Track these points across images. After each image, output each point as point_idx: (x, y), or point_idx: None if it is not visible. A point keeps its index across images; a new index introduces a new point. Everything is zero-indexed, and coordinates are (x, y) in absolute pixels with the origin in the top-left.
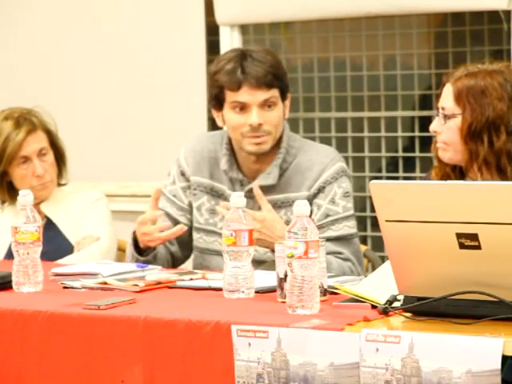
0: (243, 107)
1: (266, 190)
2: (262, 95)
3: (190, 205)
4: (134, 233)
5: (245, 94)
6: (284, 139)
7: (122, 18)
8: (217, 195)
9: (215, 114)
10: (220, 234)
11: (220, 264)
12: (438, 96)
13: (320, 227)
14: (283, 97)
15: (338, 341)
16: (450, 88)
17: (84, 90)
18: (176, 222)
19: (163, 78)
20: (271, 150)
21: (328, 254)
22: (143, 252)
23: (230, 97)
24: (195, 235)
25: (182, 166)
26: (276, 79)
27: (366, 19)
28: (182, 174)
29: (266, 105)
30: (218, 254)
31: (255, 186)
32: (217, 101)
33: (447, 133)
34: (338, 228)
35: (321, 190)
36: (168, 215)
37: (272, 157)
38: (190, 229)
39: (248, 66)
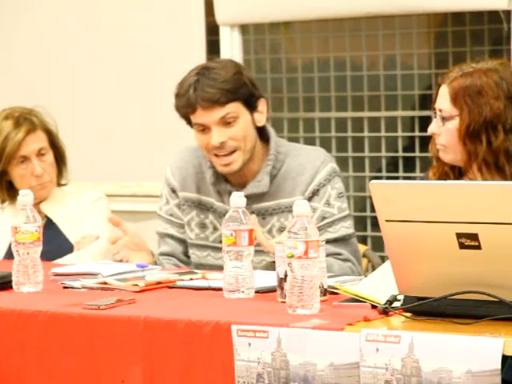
0: (204, 128)
1: (257, 197)
2: (217, 114)
3: None
4: None
5: (201, 116)
6: (272, 146)
7: (122, 18)
8: (205, 208)
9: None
10: (212, 248)
11: None
12: (434, 97)
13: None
14: (250, 106)
15: (338, 341)
16: (445, 89)
17: (84, 90)
18: (181, 241)
19: (163, 78)
20: (255, 157)
21: (328, 255)
22: None
23: (192, 118)
24: (189, 251)
25: (172, 183)
26: (230, 93)
27: (366, 19)
28: (173, 191)
29: (224, 122)
30: (212, 268)
31: (253, 219)
32: (186, 120)
33: (446, 135)
34: (335, 230)
35: (315, 193)
36: (171, 237)
37: (257, 164)
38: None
39: (197, 88)
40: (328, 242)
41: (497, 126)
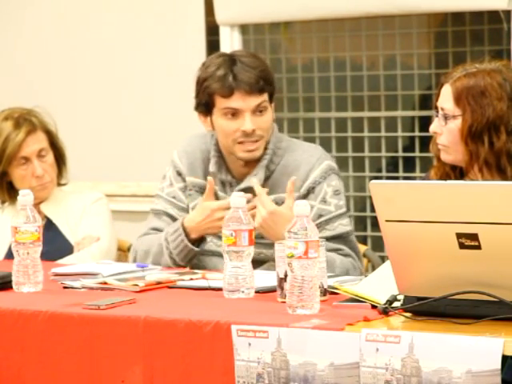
0: (235, 113)
1: (254, 191)
2: (255, 101)
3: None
4: (183, 225)
5: (237, 101)
6: (271, 141)
7: (122, 18)
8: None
9: (201, 119)
10: (215, 235)
11: (216, 265)
12: (437, 96)
13: None
14: (271, 100)
15: (338, 341)
16: (448, 89)
17: (84, 90)
18: None
19: (163, 78)
20: None
21: (328, 251)
22: (194, 243)
23: (221, 103)
24: None
25: (178, 166)
26: (267, 84)
27: (366, 19)
28: (179, 174)
29: (258, 110)
30: (214, 254)
31: (255, 183)
32: (205, 107)
33: (447, 135)
34: (333, 227)
35: (310, 190)
36: (170, 216)
37: (260, 159)
38: None
39: (239, 72)
40: (326, 239)
41: (499, 127)
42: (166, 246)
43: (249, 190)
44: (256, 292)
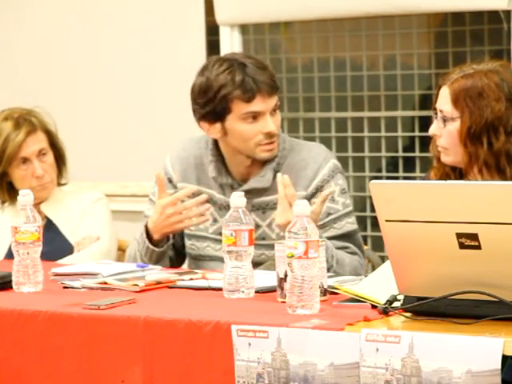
0: (256, 116)
1: (259, 192)
2: (272, 101)
3: None
4: (146, 226)
5: (259, 103)
6: (279, 142)
7: (122, 18)
8: (205, 200)
9: (205, 127)
10: (212, 239)
11: (215, 269)
12: (435, 98)
13: (322, 226)
14: None
15: (338, 341)
16: (446, 90)
17: (84, 90)
18: None
19: (163, 78)
20: None
21: (336, 249)
22: (158, 244)
23: (242, 108)
24: (187, 242)
25: (169, 173)
26: (277, 82)
27: (366, 19)
28: (170, 181)
29: (274, 110)
30: (212, 259)
31: (280, 177)
32: (216, 114)
33: (447, 137)
34: (341, 226)
35: (319, 189)
36: None
37: (267, 160)
38: (182, 235)
39: (255, 74)
40: (334, 238)
41: (498, 128)
42: (138, 249)
43: (252, 191)
44: (256, 292)
